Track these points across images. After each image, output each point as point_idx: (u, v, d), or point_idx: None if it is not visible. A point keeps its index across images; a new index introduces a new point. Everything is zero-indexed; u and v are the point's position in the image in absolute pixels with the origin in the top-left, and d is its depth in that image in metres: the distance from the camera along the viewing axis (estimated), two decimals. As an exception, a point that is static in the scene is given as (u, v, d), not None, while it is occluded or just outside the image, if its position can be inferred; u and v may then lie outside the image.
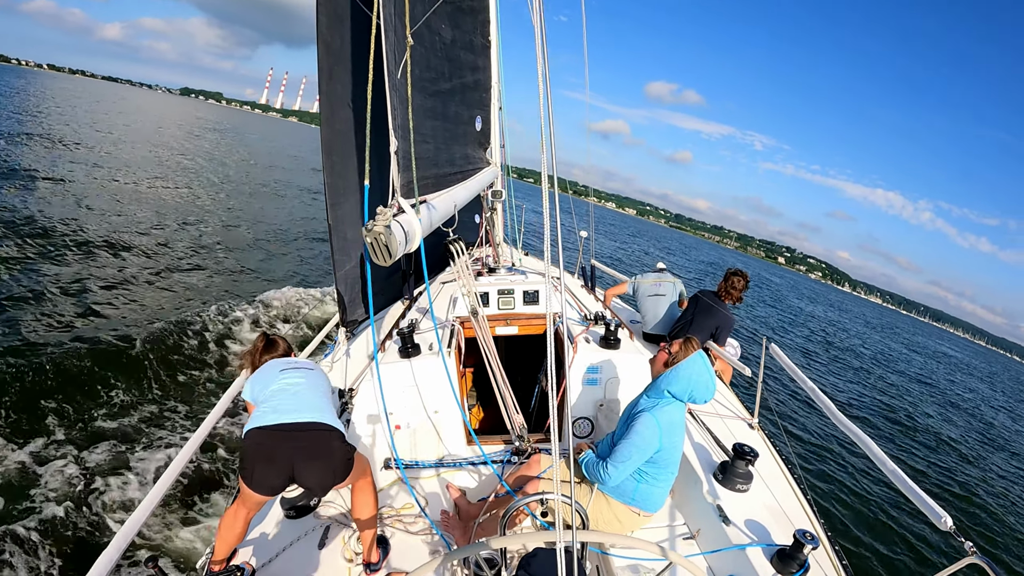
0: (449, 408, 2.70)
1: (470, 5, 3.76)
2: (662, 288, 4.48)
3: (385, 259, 1.83)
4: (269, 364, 2.09)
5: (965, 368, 34.73)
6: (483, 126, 4.14)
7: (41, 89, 50.98)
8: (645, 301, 4.50)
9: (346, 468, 1.82)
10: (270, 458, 1.70)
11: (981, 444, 11.56)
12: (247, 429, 1.75)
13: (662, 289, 4.48)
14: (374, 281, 3.49)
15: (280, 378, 1.95)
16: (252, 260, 10.06)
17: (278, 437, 1.72)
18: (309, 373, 2.02)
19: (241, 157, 28.30)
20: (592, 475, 2.16)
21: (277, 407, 1.80)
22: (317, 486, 1.81)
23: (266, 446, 1.71)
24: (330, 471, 1.78)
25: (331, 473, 1.78)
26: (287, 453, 1.71)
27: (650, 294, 4.47)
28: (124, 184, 13.84)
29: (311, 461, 1.73)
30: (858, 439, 2.26)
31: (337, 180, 2.86)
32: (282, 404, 1.81)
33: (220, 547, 1.84)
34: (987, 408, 17.71)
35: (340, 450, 1.80)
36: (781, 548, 1.89)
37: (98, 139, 21.34)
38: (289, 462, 1.71)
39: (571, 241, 7.40)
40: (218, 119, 73.03)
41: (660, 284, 4.50)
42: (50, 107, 32.88)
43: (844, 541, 5.03)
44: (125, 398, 4.87)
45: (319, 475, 1.76)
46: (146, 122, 39.62)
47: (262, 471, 1.70)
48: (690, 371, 2.08)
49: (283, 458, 1.71)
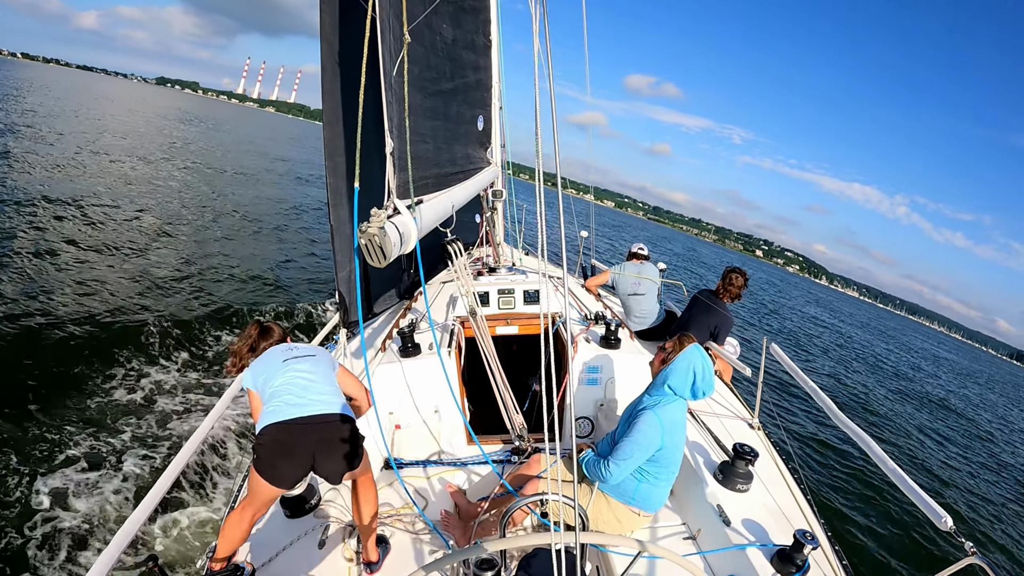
0: (449, 408, 2.70)
1: (471, 4, 3.76)
2: (641, 288, 4.44)
3: (379, 261, 1.83)
4: (270, 352, 2.07)
5: (964, 371, 34.48)
6: (484, 125, 4.14)
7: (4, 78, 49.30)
8: (626, 300, 4.47)
9: (360, 453, 1.87)
10: (291, 452, 1.74)
11: (981, 444, 11.57)
12: (263, 425, 1.77)
13: (641, 289, 4.43)
14: (375, 282, 3.49)
15: (285, 369, 1.94)
16: (251, 260, 10.06)
17: (296, 431, 1.75)
18: (312, 360, 2.02)
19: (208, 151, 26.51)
20: (592, 473, 2.16)
21: (291, 400, 1.81)
22: (335, 474, 1.85)
23: (286, 441, 1.74)
24: (347, 458, 1.83)
25: (348, 460, 1.83)
26: (308, 446, 1.75)
27: (629, 293, 4.42)
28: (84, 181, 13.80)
29: (331, 451, 1.78)
30: (858, 438, 2.26)
31: (339, 181, 2.86)
32: (295, 397, 1.83)
33: (223, 546, 1.84)
34: (986, 408, 17.72)
35: (354, 437, 1.85)
36: (781, 548, 1.89)
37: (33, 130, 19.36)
38: (310, 454, 1.75)
39: (571, 240, 7.39)
40: (187, 109, 69.63)
41: (639, 283, 4.45)
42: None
43: (844, 541, 5.03)
44: (125, 398, 4.88)
45: (337, 463, 1.81)
46: (106, 111, 37.16)
47: (284, 466, 1.73)
48: (687, 362, 2.10)
49: (304, 451, 1.75)
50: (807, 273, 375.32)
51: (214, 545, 1.85)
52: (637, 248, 4.81)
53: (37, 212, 9.16)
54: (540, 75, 1.66)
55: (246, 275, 8.99)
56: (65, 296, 6.48)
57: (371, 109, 2.17)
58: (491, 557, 1.29)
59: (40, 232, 8.33)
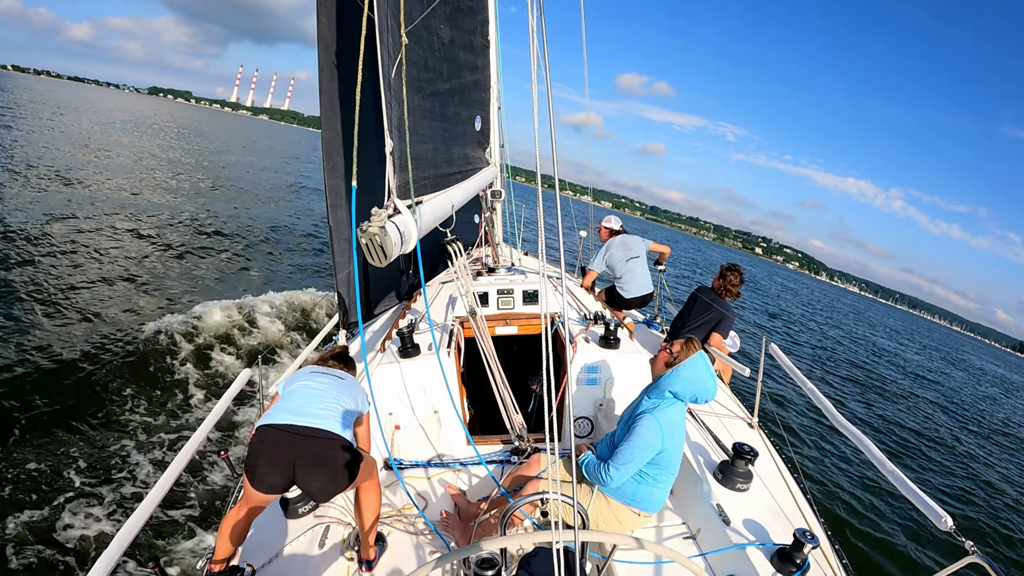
0: (448, 408, 2.70)
1: (469, 5, 3.76)
2: (633, 250, 4.60)
3: (380, 260, 1.83)
4: (311, 365, 2.11)
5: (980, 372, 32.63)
6: (482, 126, 4.14)
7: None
8: (624, 268, 4.59)
9: (349, 477, 1.81)
10: (273, 456, 1.71)
11: (980, 443, 11.57)
12: (258, 424, 1.77)
13: (634, 251, 4.60)
14: (375, 283, 3.49)
15: (305, 379, 1.96)
16: (250, 261, 10.05)
17: (283, 437, 1.72)
18: (336, 380, 2.01)
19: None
20: (593, 477, 2.15)
21: (290, 407, 1.81)
22: (318, 492, 1.80)
23: (271, 444, 1.72)
24: (331, 479, 1.77)
25: (332, 482, 1.78)
26: (290, 455, 1.71)
27: (628, 259, 4.58)
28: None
29: (313, 468, 1.73)
30: (856, 439, 2.26)
31: (338, 182, 2.86)
32: (296, 404, 1.82)
33: (221, 547, 1.83)
34: (987, 405, 17.72)
35: (343, 459, 1.79)
36: (781, 548, 1.89)
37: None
38: (291, 464, 1.71)
39: (570, 240, 7.39)
40: (173, 119, 66.30)
41: (629, 248, 4.61)
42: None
43: (844, 540, 5.04)
44: (125, 397, 4.87)
45: (320, 482, 1.76)
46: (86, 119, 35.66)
47: (264, 468, 1.70)
48: (692, 371, 2.08)
49: (286, 459, 1.71)
50: (807, 270, 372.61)
51: (213, 547, 1.85)
52: (610, 224, 4.90)
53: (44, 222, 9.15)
54: (537, 77, 1.66)
55: (246, 274, 8.99)
56: (61, 299, 6.49)
57: (369, 110, 2.17)
58: (491, 556, 1.28)
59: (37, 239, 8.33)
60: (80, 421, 4.42)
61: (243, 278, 8.96)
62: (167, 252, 9.29)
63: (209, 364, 5.85)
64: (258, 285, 8.72)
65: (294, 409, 1.80)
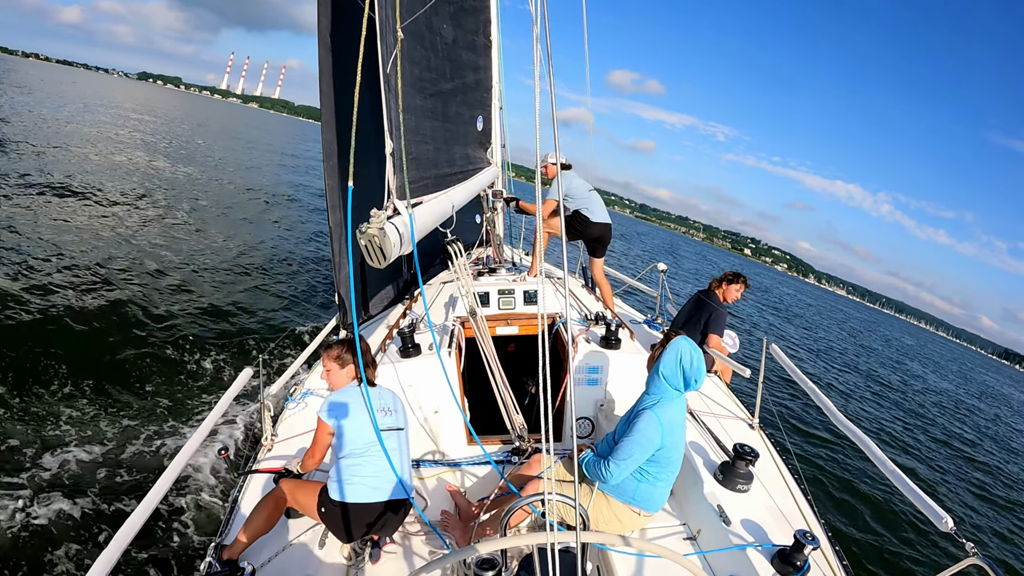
0: (449, 408, 2.70)
1: (472, 5, 3.77)
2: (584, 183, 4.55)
3: (379, 261, 1.84)
4: (357, 394, 2.05)
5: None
6: (484, 126, 4.15)
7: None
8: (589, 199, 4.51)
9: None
10: (368, 525, 1.96)
11: (980, 443, 11.56)
12: (343, 499, 1.91)
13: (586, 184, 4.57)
14: (375, 283, 3.49)
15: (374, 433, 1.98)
16: (250, 261, 10.06)
17: (375, 510, 1.96)
18: (400, 434, 2.14)
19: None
20: (593, 474, 2.16)
21: (376, 484, 1.97)
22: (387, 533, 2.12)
23: (364, 519, 1.94)
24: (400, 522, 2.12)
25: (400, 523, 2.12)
26: (381, 521, 1.99)
27: (589, 189, 4.54)
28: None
29: (394, 523, 2.06)
30: (858, 440, 2.26)
31: (337, 182, 2.86)
32: (380, 481, 1.98)
33: (240, 540, 1.93)
34: (986, 408, 17.69)
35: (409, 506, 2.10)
36: (781, 548, 1.89)
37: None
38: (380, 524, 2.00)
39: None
40: (157, 105, 62.27)
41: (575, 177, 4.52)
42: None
43: (844, 541, 5.03)
44: (125, 397, 4.88)
45: (391, 528, 2.09)
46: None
47: (357, 532, 1.96)
48: (675, 351, 2.13)
49: (377, 524, 1.98)
50: (795, 271, 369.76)
51: (219, 542, 1.89)
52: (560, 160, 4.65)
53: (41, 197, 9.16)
54: (539, 76, 1.66)
55: (245, 275, 9.00)
56: (79, 285, 6.49)
57: (370, 110, 2.17)
58: (491, 557, 1.28)
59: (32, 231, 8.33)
60: (80, 421, 4.42)
61: (243, 277, 8.96)
62: (164, 249, 9.30)
63: (209, 364, 5.85)
64: (258, 285, 8.72)
65: (379, 485, 1.97)
